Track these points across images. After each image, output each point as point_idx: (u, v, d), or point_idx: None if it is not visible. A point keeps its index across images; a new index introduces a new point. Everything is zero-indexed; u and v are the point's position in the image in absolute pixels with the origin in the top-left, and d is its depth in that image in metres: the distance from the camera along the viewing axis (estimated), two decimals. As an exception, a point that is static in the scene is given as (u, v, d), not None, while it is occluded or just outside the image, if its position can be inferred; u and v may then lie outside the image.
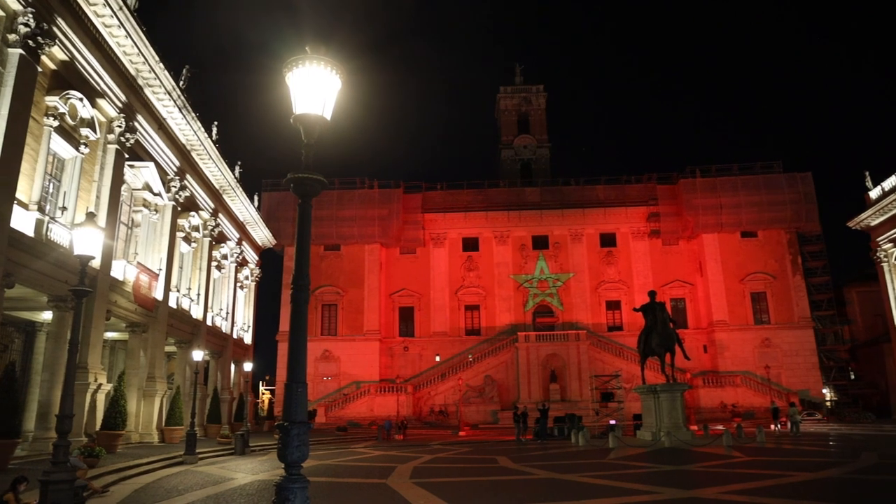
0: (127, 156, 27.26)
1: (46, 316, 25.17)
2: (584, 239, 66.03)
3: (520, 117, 79.96)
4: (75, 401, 15.99)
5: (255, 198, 53.98)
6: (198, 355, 29.25)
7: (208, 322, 40.10)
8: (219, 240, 43.50)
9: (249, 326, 53.97)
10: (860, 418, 51.47)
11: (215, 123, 38.55)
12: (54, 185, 22.87)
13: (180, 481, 17.39)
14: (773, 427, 38.96)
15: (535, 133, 79.20)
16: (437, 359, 62.42)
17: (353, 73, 5.89)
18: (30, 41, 19.63)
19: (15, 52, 19.30)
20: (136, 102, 28.00)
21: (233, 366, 46.92)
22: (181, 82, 31.26)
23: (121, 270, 27.92)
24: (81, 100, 23.20)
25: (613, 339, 62.00)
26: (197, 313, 38.02)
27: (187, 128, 33.06)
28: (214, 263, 42.97)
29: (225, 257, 45.65)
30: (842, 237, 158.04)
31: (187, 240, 37.19)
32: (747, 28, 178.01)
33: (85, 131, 23.72)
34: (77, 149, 23.43)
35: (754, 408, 54.49)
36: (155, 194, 31.80)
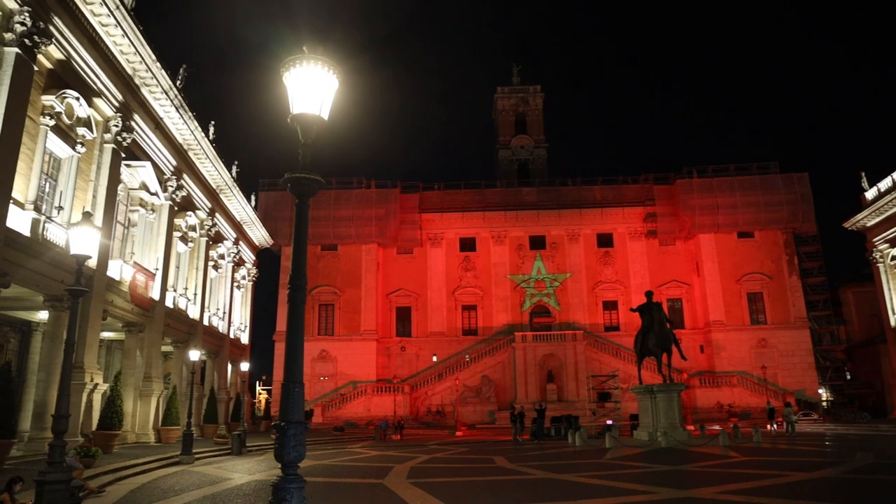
0: (123, 155, 27.19)
1: (42, 315, 25.08)
2: (581, 239, 66.12)
3: (517, 117, 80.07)
4: (71, 401, 15.96)
5: (252, 197, 53.93)
6: (194, 355, 29.16)
7: (205, 322, 40.02)
8: (216, 239, 43.43)
9: (246, 326, 53.89)
10: (856, 418, 51.61)
11: (212, 123, 38.52)
12: (51, 185, 22.81)
13: (177, 481, 17.36)
14: (769, 427, 39.06)
15: (533, 133, 79.32)
16: (434, 359, 62.41)
17: (350, 72, 5.89)
18: (26, 40, 19.56)
19: (11, 51, 19.24)
20: (133, 102, 27.93)
21: (229, 366, 46.84)
22: (178, 82, 31.20)
23: (117, 270, 27.85)
24: (78, 99, 23.14)
25: (610, 339, 62.14)
26: (194, 313, 37.95)
27: (184, 127, 33.00)
28: (211, 263, 42.90)
29: (222, 257, 45.58)
30: (838, 238, 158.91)
31: (184, 239, 37.12)
32: (744, 29, 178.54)
33: (81, 130, 23.66)
34: (73, 148, 23.36)
35: (751, 408, 54.61)
36: (151, 194, 31.73)
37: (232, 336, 47.65)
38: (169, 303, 33.62)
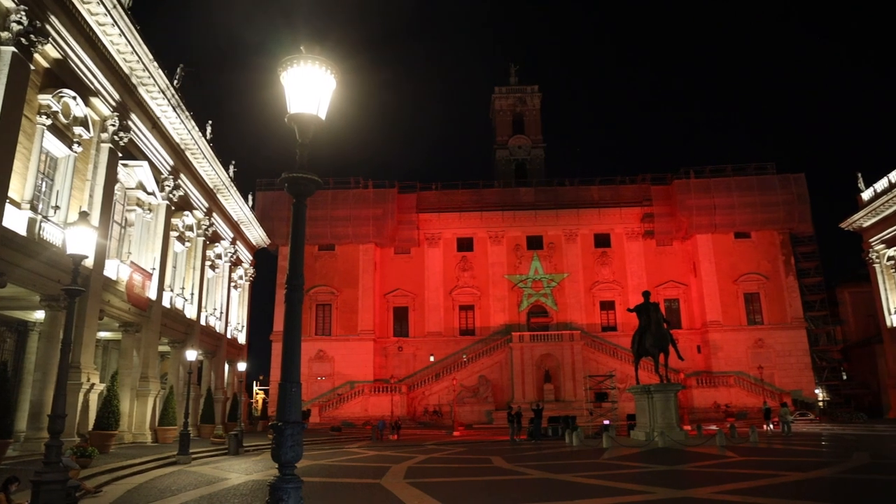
0: (120, 155, 27.14)
1: (39, 315, 25.01)
2: (578, 239, 66.18)
3: (515, 118, 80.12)
4: (68, 401, 15.85)
5: (250, 197, 53.85)
6: (191, 355, 29.10)
7: (202, 322, 39.95)
8: (213, 239, 43.37)
9: (243, 326, 53.83)
10: (852, 418, 51.73)
11: (209, 122, 38.48)
12: (47, 184, 22.75)
13: (173, 481, 17.33)
14: (765, 427, 39.15)
15: (530, 133, 79.37)
16: (432, 359, 62.43)
17: (348, 72, 5.88)
18: (22, 39, 19.52)
19: (7, 50, 19.19)
20: (130, 101, 27.88)
21: (227, 366, 46.77)
22: (175, 81, 31.15)
23: (114, 270, 27.80)
24: (75, 98, 23.09)
25: (607, 339, 62.20)
26: (191, 313, 37.89)
27: (181, 127, 32.95)
28: (208, 263, 42.85)
29: (219, 257, 45.53)
30: (834, 238, 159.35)
31: (181, 239, 37.07)
32: (742, 30, 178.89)
33: (78, 130, 23.61)
34: (70, 147, 23.31)
35: (747, 408, 54.72)
36: (149, 193, 31.67)
37: (229, 336, 47.58)
38: (166, 303, 33.56)
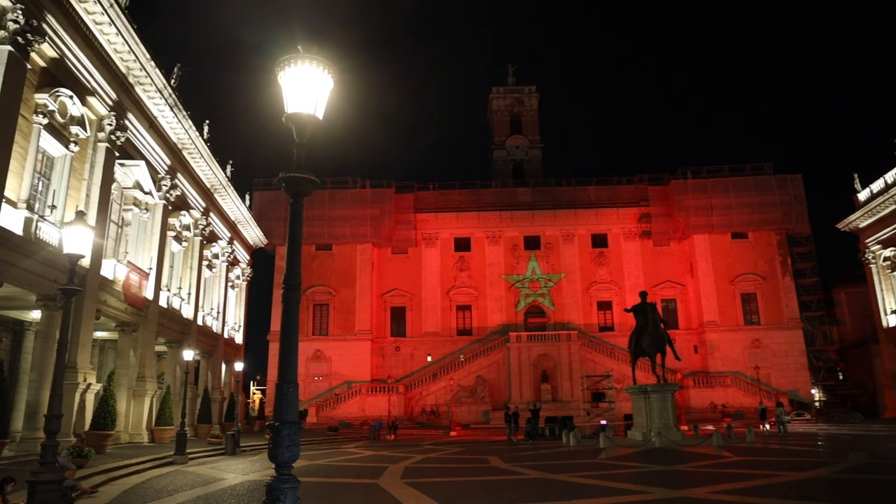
0: (117, 154, 27.09)
1: (35, 315, 24.98)
2: (575, 239, 66.23)
3: (512, 118, 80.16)
4: (64, 401, 15.88)
5: (247, 197, 53.84)
6: (188, 355, 29.10)
7: (199, 321, 39.90)
8: (210, 239, 43.32)
9: (240, 326, 53.77)
10: (848, 418, 51.86)
11: (207, 122, 38.45)
12: (44, 184, 22.69)
13: (170, 482, 17.30)
14: (761, 427, 39.23)
15: (528, 134, 79.42)
16: (429, 359, 62.41)
17: (345, 72, 5.87)
18: (19, 38, 19.47)
19: (4, 49, 19.15)
20: (127, 100, 27.83)
21: (223, 365, 46.72)
22: (172, 81, 31.11)
23: (111, 269, 27.74)
24: (71, 97, 23.05)
25: (605, 339, 62.22)
26: (187, 313, 37.83)
27: (178, 126, 32.90)
28: (205, 263, 42.79)
29: (216, 256, 45.47)
30: (831, 239, 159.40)
31: (178, 239, 37.00)
32: (739, 31, 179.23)
33: (75, 129, 23.56)
34: (67, 147, 23.26)
35: (744, 408, 54.80)
36: (145, 193, 31.62)
37: (226, 336, 47.54)
38: (163, 302, 33.50)
